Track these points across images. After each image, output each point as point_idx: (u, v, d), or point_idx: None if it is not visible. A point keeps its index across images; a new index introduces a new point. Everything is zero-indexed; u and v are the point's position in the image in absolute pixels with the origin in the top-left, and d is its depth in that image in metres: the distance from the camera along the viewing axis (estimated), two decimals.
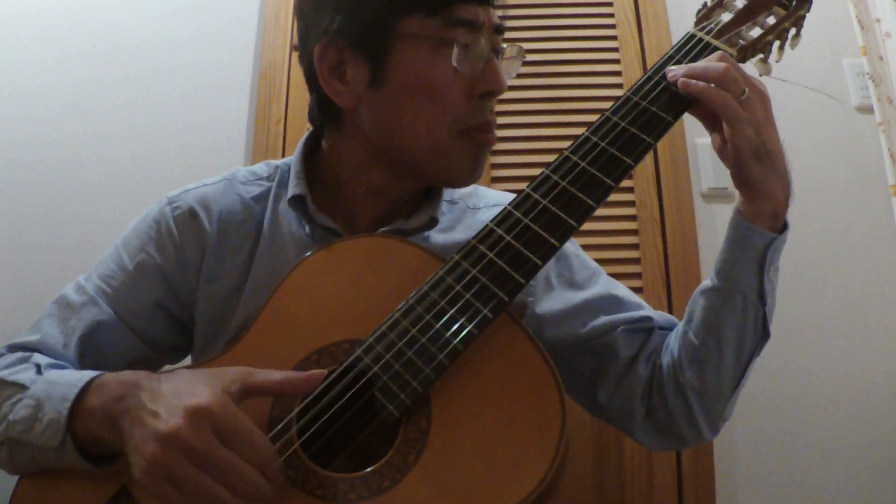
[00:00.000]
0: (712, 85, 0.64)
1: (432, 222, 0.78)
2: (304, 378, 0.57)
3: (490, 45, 0.71)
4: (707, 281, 0.72)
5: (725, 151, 0.67)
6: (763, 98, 0.66)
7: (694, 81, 0.65)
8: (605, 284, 0.83)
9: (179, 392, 0.53)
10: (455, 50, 0.68)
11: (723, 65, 0.64)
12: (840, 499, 1.38)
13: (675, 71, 0.66)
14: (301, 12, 0.75)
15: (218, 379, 0.55)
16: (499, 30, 0.73)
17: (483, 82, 0.71)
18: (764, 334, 0.70)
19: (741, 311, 0.69)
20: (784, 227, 0.68)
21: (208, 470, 0.49)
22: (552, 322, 0.79)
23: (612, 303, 0.80)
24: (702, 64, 0.66)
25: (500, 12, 0.73)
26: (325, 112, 0.77)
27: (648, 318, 0.79)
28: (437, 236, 0.79)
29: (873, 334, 1.46)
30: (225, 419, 0.51)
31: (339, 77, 0.72)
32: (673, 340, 0.76)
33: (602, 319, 0.78)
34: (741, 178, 0.66)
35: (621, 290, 0.83)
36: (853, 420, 1.41)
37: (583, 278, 0.82)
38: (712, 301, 0.70)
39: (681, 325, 0.75)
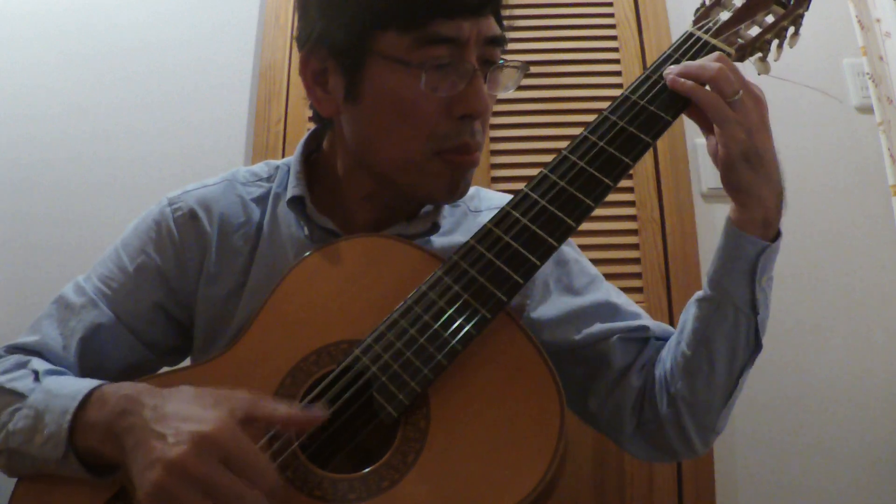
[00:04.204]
0: (706, 86, 0.63)
1: (434, 227, 0.77)
2: (308, 418, 0.56)
3: (474, 63, 0.67)
4: (700, 290, 0.70)
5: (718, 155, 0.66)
6: (758, 102, 0.64)
7: (682, 80, 0.64)
8: (603, 291, 0.81)
9: (186, 415, 0.53)
10: (423, 76, 0.65)
11: (717, 65, 0.63)
12: (840, 499, 1.37)
13: (670, 69, 0.66)
14: (297, 12, 0.75)
15: (224, 403, 0.54)
16: (494, 41, 0.69)
17: (462, 104, 0.67)
18: (756, 346, 0.68)
19: (733, 322, 0.67)
20: (777, 236, 0.67)
21: (214, 497, 0.49)
22: (547, 327, 0.77)
23: (608, 310, 0.78)
24: (697, 63, 0.65)
25: (503, 13, 0.71)
26: (315, 113, 0.77)
27: (645, 328, 0.77)
28: (437, 240, 0.79)
29: (873, 334, 1.45)
30: (231, 447, 0.51)
31: (322, 85, 0.72)
32: (666, 351, 0.75)
33: (597, 327, 0.76)
34: (730, 182, 0.65)
35: (620, 297, 0.81)
36: (853, 420, 1.41)
37: (581, 284, 0.81)
38: (704, 311, 0.69)
39: (674, 335, 0.74)
